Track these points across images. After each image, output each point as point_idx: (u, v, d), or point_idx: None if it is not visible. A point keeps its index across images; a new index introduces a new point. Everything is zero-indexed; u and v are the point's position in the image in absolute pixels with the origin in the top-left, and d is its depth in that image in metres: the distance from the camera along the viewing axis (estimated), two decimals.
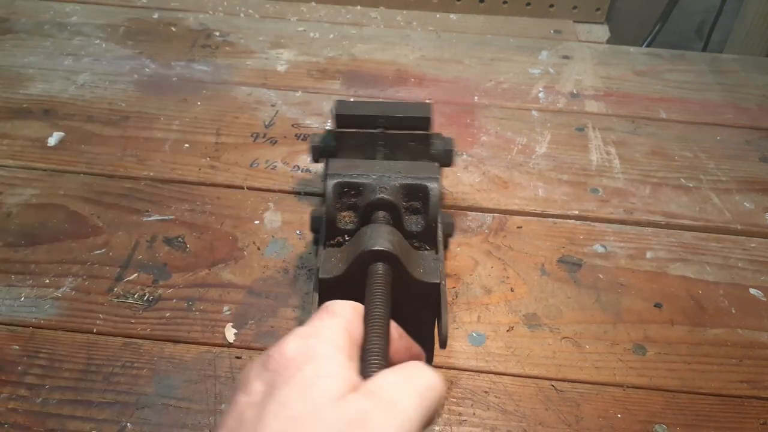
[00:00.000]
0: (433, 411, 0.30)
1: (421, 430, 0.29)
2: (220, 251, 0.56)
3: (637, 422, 0.45)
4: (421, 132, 0.53)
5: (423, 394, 0.29)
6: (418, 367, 0.31)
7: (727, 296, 0.55)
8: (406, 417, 0.28)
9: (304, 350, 0.30)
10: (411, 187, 0.47)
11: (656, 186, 0.67)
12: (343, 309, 0.33)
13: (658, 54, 0.90)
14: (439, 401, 0.30)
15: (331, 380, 0.28)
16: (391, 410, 0.28)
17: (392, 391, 0.29)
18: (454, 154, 0.54)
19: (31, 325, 0.50)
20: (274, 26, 0.92)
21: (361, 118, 0.53)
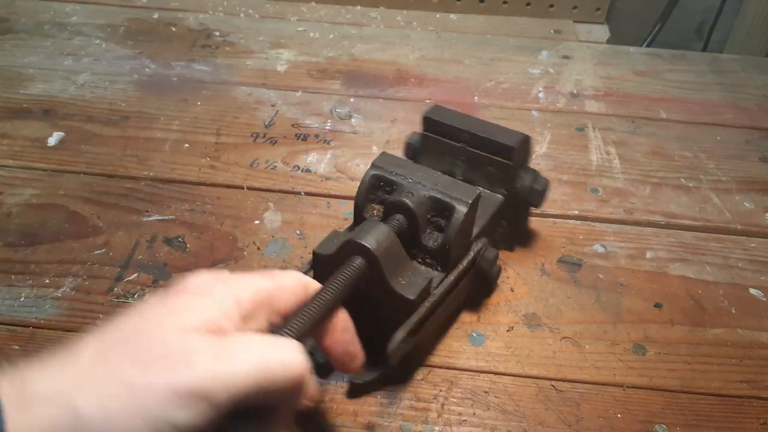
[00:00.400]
0: (270, 387, 0.30)
1: (244, 396, 0.29)
2: (220, 251, 0.56)
3: (637, 422, 0.45)
4: (501, 160, 0.51)
5: (267, 365, 0.30)
6: (287, 344, 0.32)
7: (727, 296, 0.55)
8: (229, 373, 0.29)
9: (194, 286, 0.34)
10: (439, 202, 0.45)
11: (656, 186, 0.67)
12: (280, 277, 0.36)
13: (658, 54, 0.90)
14: (284, 382, 0.31)
15: (190, 315, 0.31)
16: (221, 361, 0.29)
17: (238, 348, 0.31)
18: (544, 196, 0.52)
19: (31, 325, 0.50)
20: (274, 26, 0.92)
21: (447, 128, 0.53)
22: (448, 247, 0.45)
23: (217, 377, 0.29)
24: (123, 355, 0.29)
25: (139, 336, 0.30)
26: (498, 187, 0.53)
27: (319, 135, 0.71)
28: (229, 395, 0.29)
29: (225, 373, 0.29)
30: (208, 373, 0.29)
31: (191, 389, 0.28)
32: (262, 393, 0.30)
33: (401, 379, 0.47)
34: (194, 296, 0.33)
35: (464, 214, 0.44)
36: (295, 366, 0.32)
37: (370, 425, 0.44)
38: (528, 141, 0.53)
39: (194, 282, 0.34)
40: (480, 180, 0.53)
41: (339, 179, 0.65)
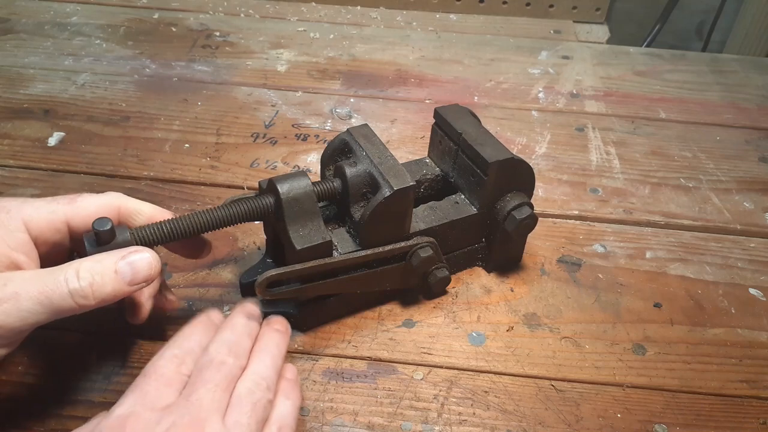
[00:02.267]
0: (57, 313, 0.37)
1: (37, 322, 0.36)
2: (220, 251, 0.56)
3: (636, 422, 0.45)
4: (479, 173, 0.50)
5: (47, 298, 0.36)
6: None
7: (727, 296, 0.55)
8: (12, 312, 0.35)
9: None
10: (374, 180, 0.47)
11: (656, 186, 0.67)
12: (83, 201, 0.41)
13: (658, 54, 0.90)
14: (69, 308, 0.37)
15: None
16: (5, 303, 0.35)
17: (17, 287, 0.36)
18: (520, 225, 0.51)
19: None
20: (275, 26, 0.92)
21: (448, 127, 0.53)
22: (363, 222, 0.46)
23: (6, 314, 0.35)
24: None
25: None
26: (474, 200, 0.52)
27: (319, 135, 0.71)
28: (22, 326, 0.36)
29: (9, 311, 0.35)
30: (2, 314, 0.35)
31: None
32: (55, 315, 0.36)
33: (302, 329, 0.50)
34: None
35: (385, 197, 0.45)
36: (74, 293, 0.36)
37: (370, 425, 0.44)
38: (519, 166, 0.50)
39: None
40: (464, 188, 0.53)
41: None
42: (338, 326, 0.51)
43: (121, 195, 0.43)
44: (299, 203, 0.44)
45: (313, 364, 0.48)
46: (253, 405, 0.38)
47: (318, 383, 0.46)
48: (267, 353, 0.42)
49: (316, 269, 0.45)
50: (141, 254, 0.39)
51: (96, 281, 0.37)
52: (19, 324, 0.36)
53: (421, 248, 0.49)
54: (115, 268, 0.38)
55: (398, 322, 0.51)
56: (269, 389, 0.39)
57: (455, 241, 0.53)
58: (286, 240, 0.45)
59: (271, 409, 0.39)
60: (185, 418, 0.35)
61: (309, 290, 0.46)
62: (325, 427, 0.44)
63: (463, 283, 0.55)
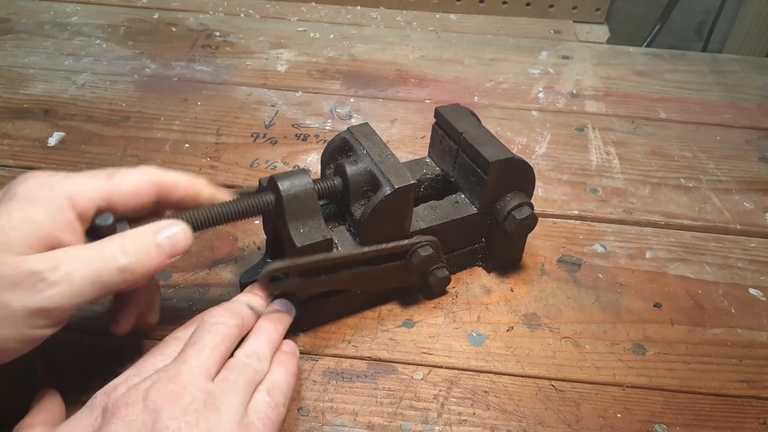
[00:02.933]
0: (108, 289, 0.37)
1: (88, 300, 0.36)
2: (220, 251, 0.56)
3: (636, 422, 0.45)
4: (480, 172, 0.50)
5: (100, 275, 0.36)
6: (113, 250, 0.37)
7: (727, 296, 0.55)
8: (67, 291, 0.35)
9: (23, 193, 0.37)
10: (374, 178, 0.47)
11: (656, 186, 0.67)
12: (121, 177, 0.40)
13: (658, 54, 0.90)
14: (119, 283, 0.37)
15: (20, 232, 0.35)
16: (59, 283, 0.35)
17: (72, 266, 0.36)
18: (520, 225, 0.51)
19: None
20: (275, 26, 0.92)
21: (449, 126, 0.53)
22: (363, 221, 0.46)
23: (62, 296, 0.35)
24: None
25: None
26: (475, 200, 0.52)
27: (319, 135, 0.71)
28: (74, 305, 0.36)
29: (64, 293, 0.35)
30: (52, 297, 0.35)
31: (42, 309, 0.35)
32: (102, 293, 0.37)
33: (302, 329, 0.50)
34: (23, 207, 0.36)
35: (386, 195, 0.45)
36: (122, 270, 0.37)
37: (371, 425, 0.44)
38: (520, 166, 0.50)
39: (23, 188, 0.37)
40: (465, 187, 0.53)
41: None
42: (338, 326, 0.51)
43: (156, 170, 0.42)
44: (300, 201, 0.44)
45: (313, 364, 0.48)
46: (242, 367, 0.40)
47: (318, 383, 0.46)
48: (262, 332, 0.44)
49: (319, 263, 0.45)
50: (176, 227, 0.40)
51: (141, 257, 0.38)
52: (72, 304, 0.36)
53: (421, 247, 0.49)
54: (156, 243, 0.39)
55: (398, 322, 0.51)
56: (260, 360, 0.41)
57: (455, 241, 0.53)
58: (286, 237, 0.45)
59: (264, 376, 0.41)
60: (168, 373, 0.37)
61: (310, 286, 0.46)
62: (325, 427, 0.44)
63: (463, 283, 0.55)
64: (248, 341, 0.43)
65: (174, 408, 0.35)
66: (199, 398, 0.36)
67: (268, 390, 0.40)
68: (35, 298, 0.34)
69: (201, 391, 0.37)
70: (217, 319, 0.42)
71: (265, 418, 0.39)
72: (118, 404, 0.36)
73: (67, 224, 0.37)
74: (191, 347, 0.40)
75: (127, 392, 0.37)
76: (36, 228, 0.35)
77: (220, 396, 0.37)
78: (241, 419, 0.37)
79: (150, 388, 0.36)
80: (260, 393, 0.40)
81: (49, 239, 0.36)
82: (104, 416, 0.36)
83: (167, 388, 0.36)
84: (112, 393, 0.38)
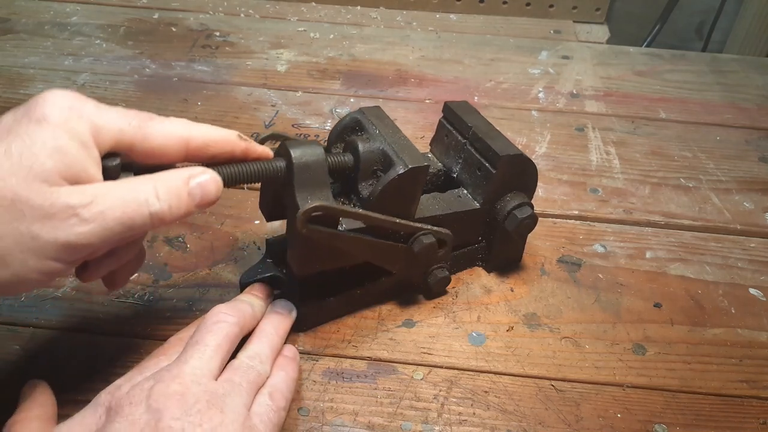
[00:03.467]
0: (134, 229, 0.35)
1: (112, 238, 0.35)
2: (220, 251, 0.56)
3: (636, 422, 0.45)
4: (488, 166, 0.50)
5: (129, 214, 0.35)
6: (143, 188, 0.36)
7: (727, 296, 0.55)
8: (97, 229, 0.34)
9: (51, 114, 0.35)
10: (387, 157, 0.46)
11: (656, 186, 0.67)
12: (153, 126, 0.38)
13: (658, 54, 0.90)
14: (145, 223, 0.36)
15: (49, 161, 0.33)
16: (91, 219, 0.34)
17: (103, 202, 0.34)
18: (520, 225, 0.51)
19: (31, 325, 0.50)
20: (275, 26, 0.92)
21: (458, 120, 0.53)
22: (372, 199, 0.45)
23: (92, 233, 0.33)
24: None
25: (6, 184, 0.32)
26: (478, 196, 0.52)
27: (319, 135, 0.71)
28: (101, 244, 0.34)
29: (94, 231, 0.33)
30: (82, 234, 0.33)
31: (70, 244, 0.33)
32: (128, 236, 0.36)
33: (302, 329, 0.50)
34: (56, 135, 0.34)
35: (399, 174, 0.44)
36: (153, 215, 0.36)
37: (370, 425, 0.44)
38: (527, 164, 0.51)
39: (53, 112, 0.35)
40: (468, 183, 0.53)
41: None
42: (338, 326, 0.51)
43: (188, 126, 0.39)
44: (310, 170, 0.43)
45: (313, 364, 0.48)
46: (246, 369, 0.40)
47: (318, 383, 0.46)
48: (265, 335, 0.44)
49: (350, 215, 0.44)
50: (207, 175, 0.38)
51: (173, 203, 0.36)
52: (99, 243, 0.34)
53: (424, 235, 0.48)
54: (188, 190, 0.37)
55: (398, 322, 0.51)
56: (263, 363, 0.42)
57: (455, 236, 0.52)
58: (292, 205, 0.43)
59: (266, 379, 0.41)
60: (171, 373, 0.37)
61: (333, 239, 0.45)
62: (325, 427, 0.44)
63: (463, 283, 0.55)
64: (251, 343, 0.43)
65: (177, 408, 0.35)
66: (202, 399, 0.36)
67: (270, 393, 0.40)
68: (66, 232, 0.33)
69: (204, 391, 0.37)
70: (218, 317, 0.42)
71: (267, 421, 0.39)
72: (121, 403, 0.36)
73: (95, 159, 0.35)
74: (193, 347, 0.40)
75: (130, 391, 0.37)
76: (70, 160, 0.34)
77: (224, 397, 0.37)
78: (244, 421, 0.37)
79: (153, 387, 0.36)
80: (262, 396, 0.40)
81: (81, 174, 0.34)
82: (108, 415, 0.36)
83: (170, 388, 0.36)
84: (116, 392, 0.38)
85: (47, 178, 0.33)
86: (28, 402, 0.39)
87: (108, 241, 0.35)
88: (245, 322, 0.44)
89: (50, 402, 0.40)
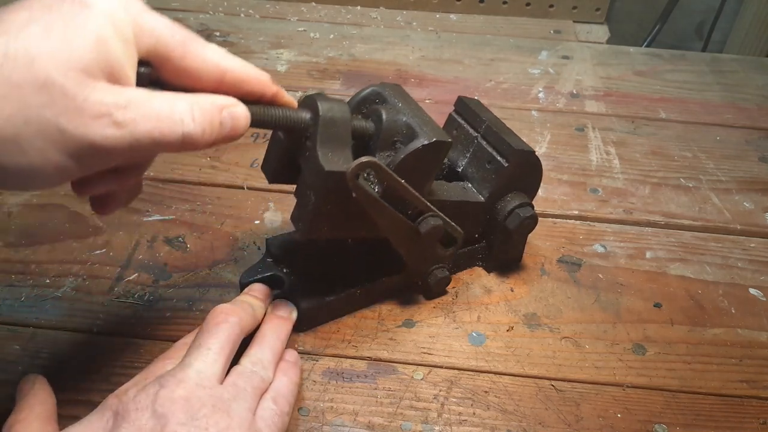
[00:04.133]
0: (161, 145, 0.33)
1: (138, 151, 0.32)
2: (220, 251, 0.56)
3: (636, 422, 0.45)
4: (500, 159, 0.50)
5: (163, 130, 0.32)
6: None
7: (727, 296, 0.55)
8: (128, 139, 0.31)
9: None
10: (409, 130, 0.45)
11: (656, 186, 0.67)
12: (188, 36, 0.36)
13: (658, 54, 0.90)
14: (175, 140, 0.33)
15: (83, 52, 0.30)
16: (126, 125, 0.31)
17: (139, 111, 0.32)
18: (521, 224, 0.51)
19: (31, 325, 0.50)
20: (275, 26, 0.92)
21: (471, 114, 0.53)
22: (392, 167, 0.44)
23: (120, 139, 0.31)
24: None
25: (35, 70, 0.29)
26: (484, 190, 0.52)
27: None
28: (125, 153, 0.31)
29: (123, 138, 0.31)
30: (111, 137, 0.30)
31: (95, 145, 0.30)
32: (154, 152, 0.35)
33: (302, 329, 0.49)
34: (101, 25, 0.31)
35: (423, 144, 0.43)
36: (185, 136, 0.33)
37: (371, 425, 0.44)
38: (536, 164, 0.52)
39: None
40: (474, 177, 0.53)
41: None
42: (338, 326, 0.51)
43: (226, 55, 0.37)
44: (335, 126, 0.42)
45: (313, 364, 0.48)
46: (250, 374, 0.40)
47: (318, 383, 0.46)
48: (266, 340, 0.44)
49: (394, 180, 0.43)
50: (240, 107, 0.37)
51: (206, 128, 0.34)
52: (124, 152, 0.31)
53: (432, 218, 0.47)
54: (220, 119, 0.35)
55: (398, 322, 0.51)
56: (266, 369, 0.42)
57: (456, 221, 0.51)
58: (312, 162, 0.42)
59: (269, 384, 0.41)
60: (176, 378, 0.37)
61: (371, 204, 0.44)
62: (325, 427, 0.44)
63: (463, 283, 0.55)
64: (253, 348, 0.43)
65: (183, 413, 0.35)
66: (207, 403, 0.36)
67: (273, 398, 0.41)
68: (95, 132, 0.30)
69: (210, 395, 0.37)
70: (219, 318, 0.42)
71: (272, 425, 0.39)
72: (128, 408, 0.36)
73: (133, 61, 0.33)
74: (197, 350, 0.40)
75: (137, 396, 0.37)
76: (112, 57, 0.31)
77: (230, 401, 0.37)
78: (249, 425, 0.37)
79: (158, 392, 0.36)
80: (266, 401, 0.40)
81: (120, 73, 0.32)
82: (115, 420, 0.36)
83: (175, 393, 0.36)
84: (123, 396, 0.38)
85: (87, 68, 0.30)
86: (28, 399, 0.39)
87: (133, 152, 0.32)
88: (246, 323, 0.44)
89: (50, 399, 0.40)
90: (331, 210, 0.43)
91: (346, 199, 0.43)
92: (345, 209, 0.44)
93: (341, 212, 0.44)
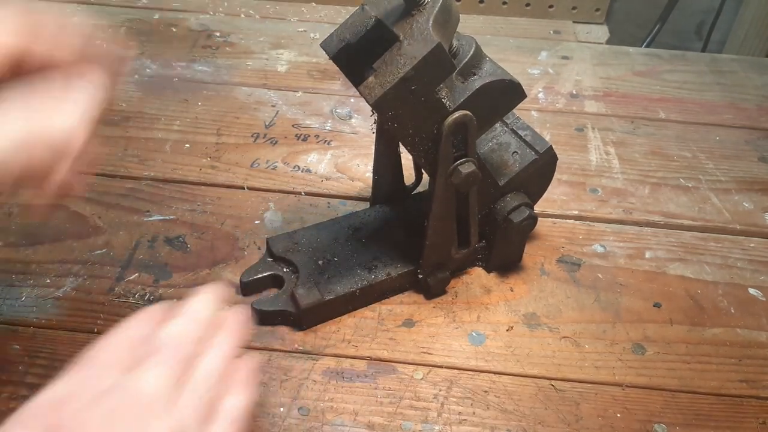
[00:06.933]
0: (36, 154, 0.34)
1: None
2: (220, 251, 0.57)
3: (636, 421, 0.45)
4: (531, 151, 0.51)
5: (29, 139, 0.34)
6: (66, 112, 0.36)
7: (726, 296, 0.55)
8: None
9: None
10: (492, 67, 0.47)
11: (655, 186, 0.67)
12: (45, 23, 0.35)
13: (658, 54, 0.90)
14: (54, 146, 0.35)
15: None
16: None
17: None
18: (516, 221, 0.51)
19: (32, 324, 0.50)
20: (275, 27, 0.92)
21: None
22: (470, 91, 0.45)
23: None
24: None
25: None
26: (502, 177, 0.51)
27: (320, 135, 0.71)
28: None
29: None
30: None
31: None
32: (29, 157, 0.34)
33: (302, 329, 0.50)
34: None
35: (508, 80, 0.45)
36: (59, 134, 0.34)
37: (371, 425, 0.44)
38: (554, 166, 0.53)
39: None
40: (492, 163, 0.52)
41: (339, 179, 0.65)
42: (338, 326, 0.51)
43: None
44: (449, 16, 0.43)
45: (313, 364, 0.48)
46: (203, 393, 0.36)
47: (318, 383, 0.47)
48: (218, 347, 0.39)
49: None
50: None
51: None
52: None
53: (465, 163, 0.46)
54: None
55: (398, 322, 0.51)
56: (219, 382, 0.37)
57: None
58: (419, 32, 0.41)
59: (222, 400, 0.37)
60: (127, 401, 0.33)
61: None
62: (325, 427, 0.44)
63: (463, 283, 0.55)
64: (206, 360, 0.38)
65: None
66: (163, 428, 0.33)
67: (228, 414, 0.36)
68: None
69: (162, 420, 0.33)
70: (170, 330, 0.38)
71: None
72: (72, 428, 0.32)
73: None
74: (149, 370, 0.35)
75: (78, 414, 0.32)
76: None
77: (183, 420, 0.34)
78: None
79: (107, 415, 0.32)
80: (221, 416, 0.36)
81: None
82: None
83: (128, 415, 0.33)
84: (60, 409, 0.33)
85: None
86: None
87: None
88: (199, 332, 0.39)
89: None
90: (410, 91, 0.41)
91: (426, 91, 0.42)
92: (417, 102, 0.42)
93: (411, 102, 0.42)
